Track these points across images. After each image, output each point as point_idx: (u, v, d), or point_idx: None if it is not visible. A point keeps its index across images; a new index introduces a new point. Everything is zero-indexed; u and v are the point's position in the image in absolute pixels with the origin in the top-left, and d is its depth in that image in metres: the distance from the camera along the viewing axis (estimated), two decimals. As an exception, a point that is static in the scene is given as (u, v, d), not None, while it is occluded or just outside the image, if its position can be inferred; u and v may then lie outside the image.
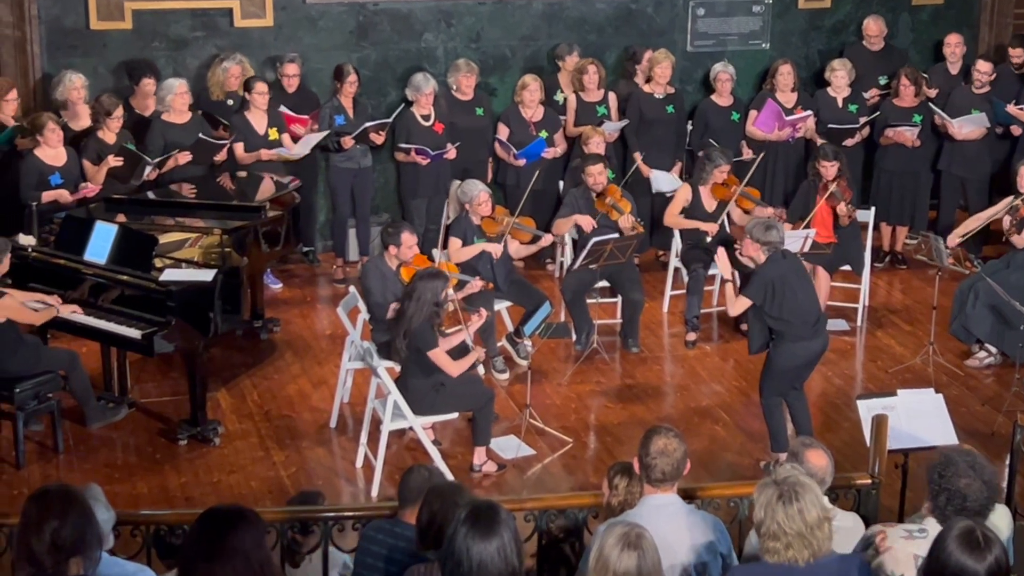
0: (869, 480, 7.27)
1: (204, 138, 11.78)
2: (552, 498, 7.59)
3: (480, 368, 9.73)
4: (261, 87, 12.23)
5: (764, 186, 12.97)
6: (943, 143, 13.43)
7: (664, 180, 13.06)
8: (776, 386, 9.47)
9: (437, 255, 10.55)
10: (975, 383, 10.98)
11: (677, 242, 12.15)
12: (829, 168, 11.65)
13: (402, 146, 12.73)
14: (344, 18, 13.28)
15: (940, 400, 8.29)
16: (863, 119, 13.43)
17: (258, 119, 12.28)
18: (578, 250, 11.24)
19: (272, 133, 12.29)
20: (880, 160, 13.57)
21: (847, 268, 12.15)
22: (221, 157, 12.04)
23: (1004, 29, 15.10)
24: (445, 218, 12.79)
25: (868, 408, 7.99)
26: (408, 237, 9.92)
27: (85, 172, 11.45)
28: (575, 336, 11.40)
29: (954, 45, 14.00)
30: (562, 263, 12.65)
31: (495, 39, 13.73)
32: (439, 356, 9.14)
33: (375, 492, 9.22)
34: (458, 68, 13.10)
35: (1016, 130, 13.34)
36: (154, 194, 11.41)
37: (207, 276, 9.70)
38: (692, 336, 11.76)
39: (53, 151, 11.26)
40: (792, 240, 10.83)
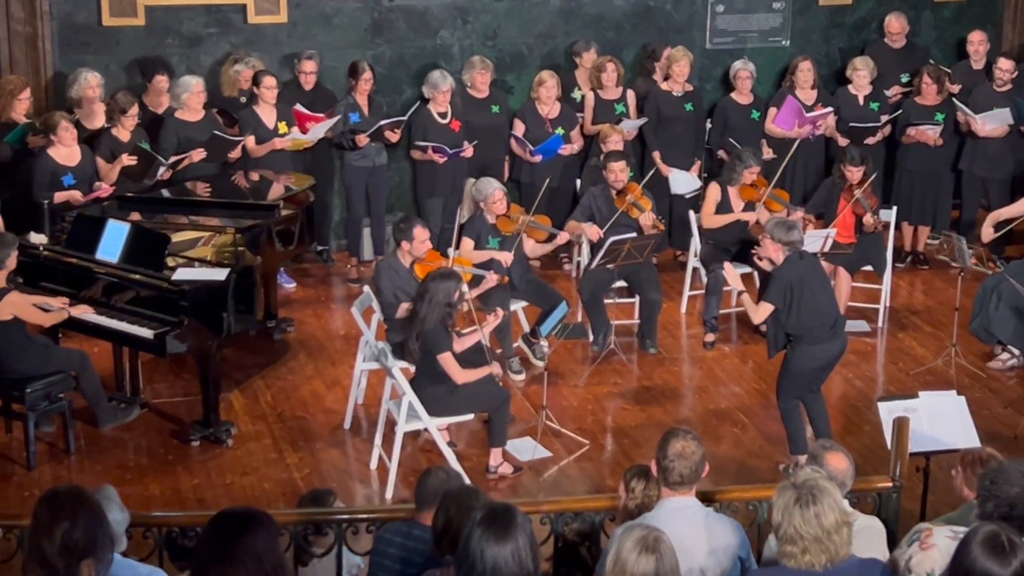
0: (890, 483, 7.19)
1: (218, 134, 11.75)
2: (568, 501, 7.56)
3: (496, 369, 9.66)
4: (269, 81, 12.18)
5: (785, 185, 12.85)
6: (965, 142, 13.30)
7: (682, 182, 12.98)
8: (793, 388, 9.39)
9: (452, 254, 10.45)
10: (998, 385, 10.88)
11: (696, 242, 12.06)
12: (855, 173, 11.59)
13: (419, 144, 12.66)
14: (359, 15, 13.25)
15: (962, 402, 8.23)
16: (884, 117, 13.32)
17: (267, 113, 12.24)
18: (595, 250, 11.14)
19: (281, 127, 12.24)
20: (902, 159, 13.47)
21: (868, 268, 12.07)
22: (235, 154, 12.01)
23: (1028, 27, 15.01)
24: (459, 217, 12.70)
25: (889, 410, 7.93)
26: (420, 231, 9.87)
27: (99, 170, 11.37)
28: (592, 337, 11.35)
29: (977, 43, 13.90)
30: (579, 263, 12.57)
31: (512, 36, 13.68)
32: (447, 360, 9.08)
33: (390, 494, 9.17)
34: (473, 65, 13.04)
35: (1039, 129, 13.22)
36: (168, 192, 11.38)
37: (220, 275, 9.64)
38: (711, 337, 11.69)
39: (67, 150, 11.20)
40: (813, 240, 10.83)
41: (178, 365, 10.85)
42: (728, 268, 9.83)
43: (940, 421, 8.06)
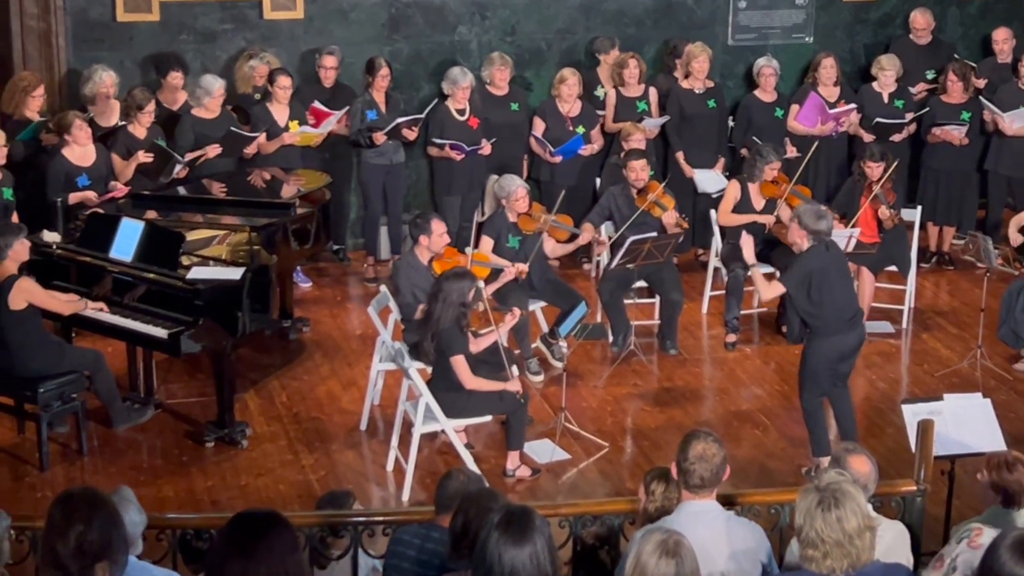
0: (914, 487, 7.14)
1: (235, 131, 11.73)
2: (587, 504, 7.54)
3: (514, 370, 9.59)
4: (284, 81, 12.15)
5: (808, 183, 12.81)
6: (991, 141, 13.17)
7: (709, 181, 12.89)
8: (814, 386, 9.31)
9: (469, 252, 10.40)
10: (1024, 387, 10.80)
11: (717, 241, 11.98)
12: (875, 169, 11.48)
13: (436, 140, 12.59)
14: (376, 11, 13.19)
15: (988, 405, 8.15)
16: (910, 115, 13.20)
17: (279, 111, 12.22)
18: (615, 249, 11.03)
19: (292, 126, 12.20)
20: (927, 158, 13.37)
21: (893, 269, 11.98)
22: (252, 150, 11.99)
23: (1055, 24, 14.87)
24: (479, 215, 12.65)
25: (913, 413, 7.90)
26: (437, 224, 9.85)
27: (114, 167, 11.31)
28: (612, 337, 11.28)
29: (1002, 41, 13.84)
30: (598, 262, 12.48)
31: (530, 32, 13.62)
32: (459, 363, 9.04)
33: (406, 496, 9.13)
34: (492, 62, 12.98)
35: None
36: (184, 189, 11.35)
37: (235, 274, 9.60)
38: (732, 338, 11.61)
39: (82, 150, 11.14)
40: (836, 239, 10.64)
41: (192, 365, 10.81)
42: (746, 238, 9.79)
43: (965, 424, 7.98)
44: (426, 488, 9.04)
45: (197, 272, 9.60)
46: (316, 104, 12.28)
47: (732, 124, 13.45)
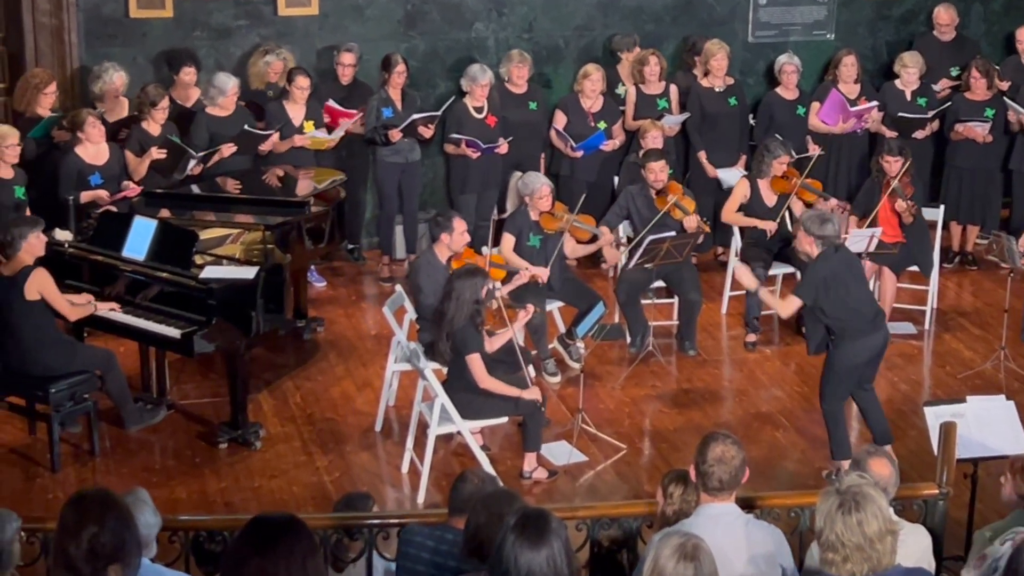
0: (936, 490, 7.10)
1: (249, 129, 11.70)
2: (605, 506, 7.54)
3: (531, 370, 9.52)
4: (302, 81, 12.12)
5: (828, 181, 12.80)
6: (1015, 140, 13.06)
7: (735, 179, 12.76)
8: (839, 389, 9.26)
9: (486, 252, 10.33)
10: (1048, 389, 10.76)
11: (737, 240, 11.90)
12: (893, 164, 11.42)
13: (453, 137, 12.55)
14: (392, 7, 13.15)
15: (1011, 407, 8.12)
16: (932, 112, 13.06)
17: (295, 111, 12.18)
18: (633, 249, 10.95)
19: (307, 126, 12.17)
20: (951, 157, 13.29)
21: (915, 269, 11.91)
22: (266, 147, 11.95)
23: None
24: (496, 213, 12.57)
25: (936, 415, 7.89)
26: (459, 223, 9.84)
27: (127, 164, 11.28)
28: (630, 338, 11.25)
29: (1025, 40, 13.66)
30: (615, 265, 12.38)
31: (548, 29, 13.57)
32: (475, 362, 8.99)
33: (421, 498, 9.11)
34: (511, 59, 12.91)
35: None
36: (198, 188, 11.34)
37: (249, 274, 9.57)
38: (752, 338, 11.56)
39: (95, 148, 11.10)
40: (857, 239, 10.74)
41: (206, 365, 10.79)
42: (739, 267, 9.84)
43: (988, 426, 7.95)
44: (441, 490, 9.00)
45: (210, 271, 9.57)
46: (331, 103, 12.23)
47: (753, 122, 13.36)
